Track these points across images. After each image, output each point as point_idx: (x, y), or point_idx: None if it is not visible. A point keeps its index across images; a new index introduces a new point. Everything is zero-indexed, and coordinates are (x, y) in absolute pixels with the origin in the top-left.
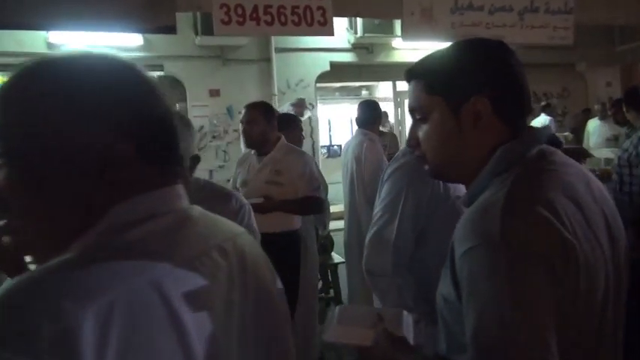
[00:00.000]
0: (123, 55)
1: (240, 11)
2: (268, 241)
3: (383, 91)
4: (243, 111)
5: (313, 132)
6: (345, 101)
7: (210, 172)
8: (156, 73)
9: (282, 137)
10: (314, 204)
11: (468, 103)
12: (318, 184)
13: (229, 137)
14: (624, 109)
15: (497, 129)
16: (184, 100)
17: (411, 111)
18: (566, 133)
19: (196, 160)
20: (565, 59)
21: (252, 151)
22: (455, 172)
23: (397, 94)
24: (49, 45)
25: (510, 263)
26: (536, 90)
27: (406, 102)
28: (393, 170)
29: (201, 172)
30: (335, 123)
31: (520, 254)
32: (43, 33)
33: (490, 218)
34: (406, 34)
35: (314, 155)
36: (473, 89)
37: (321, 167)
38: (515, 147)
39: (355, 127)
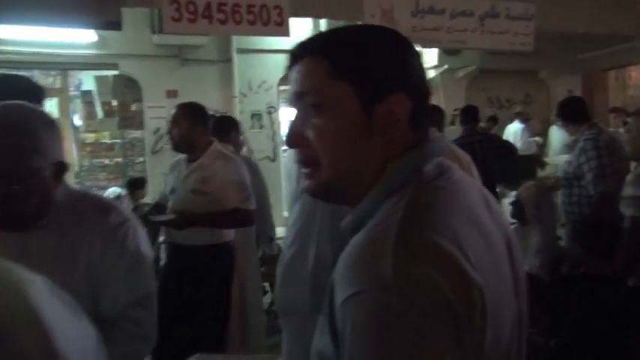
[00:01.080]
0: (75, 52)
1: (191, 8)
2: (194, 254)
3: None
4: None
5: (275, 135)
6: None
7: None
8: (110, 72)
9: (215, 142)
10: (240, 218)
11: (384, 99)
12: (248, 194)
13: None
14: (561, 123)
15: (407, 137)
16: (140, 100)
17: (299, 96)
18: (537, 138)
19: (62, 166)
20: (528, 66)
21: (184, 157)
22: (347, 189)
23: None
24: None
25: (403, 317)
26: (499, 96)
27: None
28: None
29: (157, 177)
30: None
31: (417, 305)
32: None
33: (379, 255)
34: None
35: (275, 160)
36: (394, 83)
37: (282, 172)
38: (412, 160)
39: None
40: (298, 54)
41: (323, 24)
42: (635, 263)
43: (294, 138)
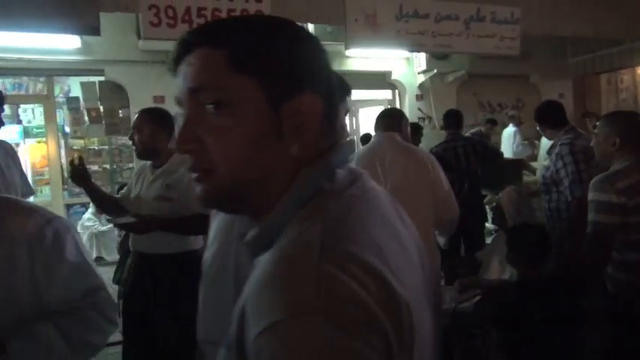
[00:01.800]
0: (60, 58)
1: (170, 13)
2: (160, 263)
3: None
4: None
5: None
6: None
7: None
8: (96, 78)
9: None
10: (203, 224)
11: (293, 98)
12: None
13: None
14: (537, 128)
15: (319, 141)
16: (127, 106)
17: (193, 92)
18: (536, 141)
19: None
20: (519, 70)
21: (149, 163)
22: (249, 197)
23: (351, 103)
24: None
25: (332, 344)
26: (490, 100)
27: (362, 111)
28: None
29: None
30: None
31: (346, 328)
32: None
33: (299, 275)
34: (350, 40)
35: None
36: (304, 81)
37: None
38: (325, 167)
39: None
40: (190, 42)
41: (310, 27)
42: (602, 267)
43: (188, 142)
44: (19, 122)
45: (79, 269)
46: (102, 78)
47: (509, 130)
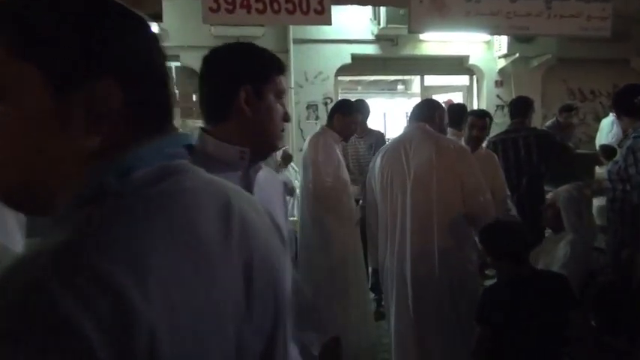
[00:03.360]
0: None
1: None
2: None
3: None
4: None
5: None
6: (377, 96)
7: None
8: (172, 64)
9: None
10: None
11: (84, 86)
12: None
13: None
14: (612, 114)
15: (119, 135)
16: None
17: None
18: None
19: None
20: (617, 54)
21: None
22: (33, 197)
23: (425, 89)
24: None
25: None
26: (582, 88)
27: (435, 98)
28: None
29: None
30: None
31: (47, 355)
32: None
33: (12, 291)
34: (414, 24)
35: None
36: (99, 66)
37: None
38: (115, 164)
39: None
40: None
41: (382, 11)
42: None
43: None
44: None
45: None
46: (177, 64)
47: (608, 120)
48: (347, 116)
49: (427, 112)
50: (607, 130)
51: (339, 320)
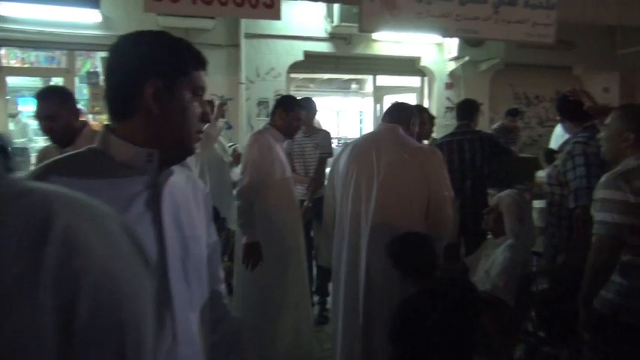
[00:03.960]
0: (80, 32)
1: None
2: None
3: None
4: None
5: None
6: (331, 94)
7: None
8: None
9: (88, 124)
10: None
11: None
12: None
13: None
14: (559, 119)
15: None
16: None
17: None
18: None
19: None
20: (561, 61)
21: (54, 145)
22: None
23: (377, 89)
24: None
25: None
26: (528, 92)
27: (387, 98)
28: None
29: None
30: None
31: None
32: None
33: None
34: (365, 22)
35: None
36: None
37: None
38: None
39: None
40: None
41: (336, 9)
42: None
43: None
44: None
45: None
46: None
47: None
48: (289, 112)
49: (403, 115)
50: (560, 133)
51: (275, 324)
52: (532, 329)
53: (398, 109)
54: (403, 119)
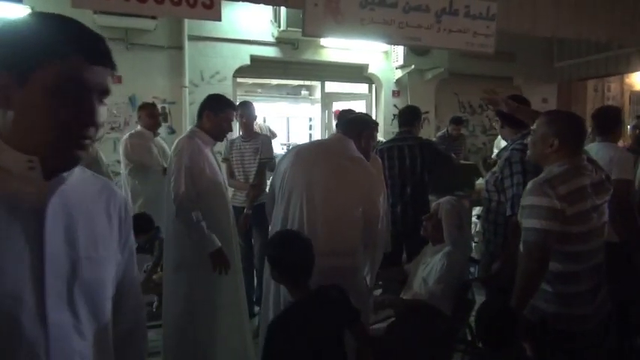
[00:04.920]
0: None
1: None
2: None
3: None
4: None
5: None
6: (281, 100)
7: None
8: None
9: None
10: None
11: None
12: None
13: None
14: (500, 125)
15: None
16: None
17: None
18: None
19: None
20: (502, 72)
21: None
22: None
23: (326, 96)
24: None
25: None
26: (472, 101)
27: (335, 105)
28: None
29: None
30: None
31: None
32: None
33: None
34: (309, 27)
35: None
36: None
37: None
38: None
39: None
40: None
41: (283, 13)
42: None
43: None
44: None
45: None
46: None
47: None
48: (218, 114)
49: (354, 130)
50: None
51: (210, 335)
52: (470, 338)
53: (351, 121)
54: (353, 131)
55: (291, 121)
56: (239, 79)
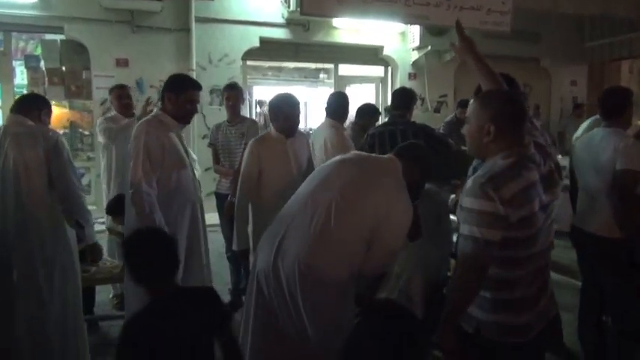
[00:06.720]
0: (16, 12)
1: None
2: None
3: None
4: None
5: None
6: (298, 84)
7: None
8: (56, 36)
9: None
10: None
11: None
12: None
13: (136, 113)
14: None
15: None
16: (88, 67)
17: None
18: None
19: None
20: (528, 53)
21: None
22: None
23: (339, 79)
24: None
25: None
26: None
27: (350, 88)
28: None
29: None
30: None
31: None
32: None
33: None
34: (307, 4)
35: None
36: None
37: None
38: None
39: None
40: None
41: None
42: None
43: None
44: None
45: None
46: (62, 36)
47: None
48: (179, 95)
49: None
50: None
51: None
52: None
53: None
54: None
55: (309, 105)
56: (249, 62)
